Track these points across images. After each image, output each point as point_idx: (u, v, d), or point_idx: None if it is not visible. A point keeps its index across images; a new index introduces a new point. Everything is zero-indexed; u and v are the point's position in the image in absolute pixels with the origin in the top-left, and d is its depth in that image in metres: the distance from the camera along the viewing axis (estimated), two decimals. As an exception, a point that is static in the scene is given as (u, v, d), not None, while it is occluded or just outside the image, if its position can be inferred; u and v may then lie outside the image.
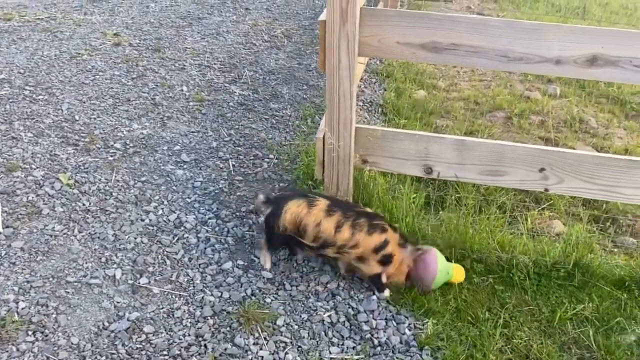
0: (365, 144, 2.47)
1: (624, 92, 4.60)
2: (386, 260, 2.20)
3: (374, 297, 2.24)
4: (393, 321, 2.14)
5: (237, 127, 3.39)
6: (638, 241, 2.85)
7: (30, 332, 1.91)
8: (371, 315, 2.16)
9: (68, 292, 2.09)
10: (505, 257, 2.44)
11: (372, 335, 2.07)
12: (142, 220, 2.50)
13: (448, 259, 2.34)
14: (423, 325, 2.13)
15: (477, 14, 6.96)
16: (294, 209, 2.19)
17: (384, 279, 2.24)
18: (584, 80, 4.56)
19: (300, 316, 2.12)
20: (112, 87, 3.68)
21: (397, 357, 1.99)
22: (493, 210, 2.75)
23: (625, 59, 2.10)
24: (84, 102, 3.44)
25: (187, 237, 2.43)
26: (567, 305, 2.25)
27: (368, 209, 2.32)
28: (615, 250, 2.74)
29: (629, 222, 3.01)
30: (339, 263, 2.31)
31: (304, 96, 3.93)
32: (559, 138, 3.75)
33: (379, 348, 2.02)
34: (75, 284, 2.13)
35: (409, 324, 2.14)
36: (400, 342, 2.05)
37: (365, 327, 2.10)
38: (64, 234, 2.37)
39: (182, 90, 3.77)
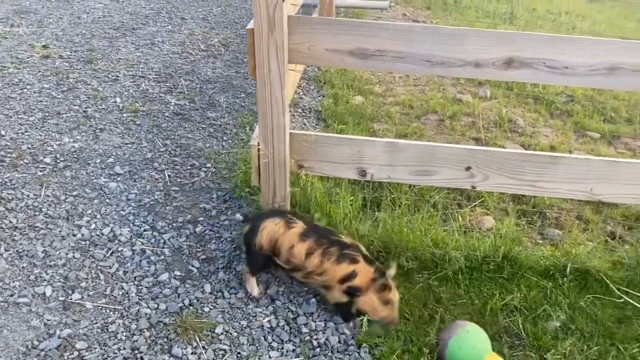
0: (300, 150, 2.50)
1: (549, 93, 4.85)
2: (352, 292, 2.13)
3: (314, 299, 2.27)
4: (332, 322, 2.18)
5: (173, 137, 3.35)
6: (563, 232, 3.01)
7: (-48, 358, 1.83)
8: (310, 318, 2.18)
9: (-6, 314, 2.01)
10: (438, 253, 2.53)
11: (312, 337, 2.10)
12: (74, 235, 2.43)
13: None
14: (362, 323, 2.17)
15: (412, 21, 7.18)
16: (270, 227, 2.16)
17: (353, 310, 2.16)
18: (512, 82, 4.78)
19: (240, 323, 2.12)
20: (40, 101, 3.56)
21: (336, 357, 2.02)
22: (427, 209, 2.85)
23: (539, 61, 2.23)
24: (11, 117, 3.31)
25: (122, 250, 2.39)
26: (497, 296, 2.35)
27: (346, 239, 2.22)
28: (542, 242, 2.89)
29: (555, 215, 3.18)
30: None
31: (242, 104, 3.94)
32: (489, 138, 3.92)
33: (318, 349, 2.05)
34: (2, 304, 2.05)
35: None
36: (339, 342, 2.09)
37: (304, 330, 2.12)
38: (-10, 253, 2.28)
39: (115, 101, 3.69)
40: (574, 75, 2.24)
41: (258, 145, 2.42)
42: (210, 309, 2.16)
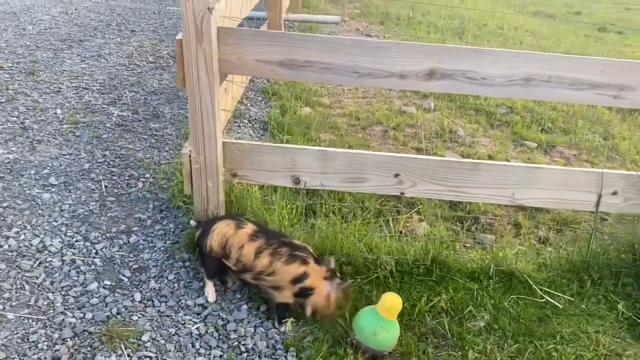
0: (233, 158, 2.54)
1: (489, 104, 5.03)
2: (304, 293, 2.19)
3: (245, 306, 2.29)
4: (261, 327, 2.21)
5: (113, 148, 3.34)
6: (496, 237, 3.13)
7: None
8: (240, 324, 2.20)
9: None
10: (371, 258, 2.59)
11: (240, 342, 2.12)
12: (0, 246, 2.39)
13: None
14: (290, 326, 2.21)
15: (366, 35, 7.34)
16: (221, 228, 2.23)
17: (308, 312, 2.24)
18: (456, 95, 4.94)
19: (168, 330, 2.12)
20: (-24, 112, 3.50)
21: (262, 361, 2.05)
22: (364, 215, 2.92)
23: (459, 72, 2.33)
24: (-56, 128, 3.25)
25: (51, 260, 2.36)
26: (425, 298, 2.42)
27: (296, 241, 2.31)
28: (472, 246, 2.99)
29: (489, 221, 3.29)
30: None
31: (187, 115, 3.94)
32: (430, 148, 4.03)
33: (245, 354, 2.07)
34: None
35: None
36: (267, 347, 2.12)
37: (233, 336, 2.14)
38: None
39: (55, 113, 3.65)
40: (492, 85, 2.35)
41: (189, 154, 2.44)
42: (139, 317, 2.15)
